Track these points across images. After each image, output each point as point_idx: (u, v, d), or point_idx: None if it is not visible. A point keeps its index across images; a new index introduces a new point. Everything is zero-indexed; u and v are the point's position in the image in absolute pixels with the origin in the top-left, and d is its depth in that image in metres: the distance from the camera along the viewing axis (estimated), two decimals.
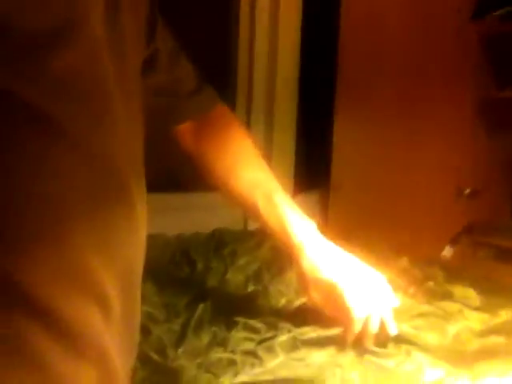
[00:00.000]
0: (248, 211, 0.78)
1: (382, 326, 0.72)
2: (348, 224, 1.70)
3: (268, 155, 1.85)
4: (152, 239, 1.17)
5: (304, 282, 0.74)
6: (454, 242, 1.56)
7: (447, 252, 1.57)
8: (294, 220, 0.74)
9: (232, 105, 1.85)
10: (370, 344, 0.71)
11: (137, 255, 0.57)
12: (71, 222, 0.48)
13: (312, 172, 1.85)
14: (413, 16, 1.63)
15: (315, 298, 0.74)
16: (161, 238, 1.20)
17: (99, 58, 0.51)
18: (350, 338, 0.72)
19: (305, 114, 1.86)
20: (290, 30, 1.80)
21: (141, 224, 0.57)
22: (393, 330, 0.72)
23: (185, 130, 0.80)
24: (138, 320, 0.59)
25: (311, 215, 1.94)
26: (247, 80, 1.85)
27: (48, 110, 0.47)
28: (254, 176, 0.77)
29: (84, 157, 0.49)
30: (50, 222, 0.47)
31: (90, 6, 0.51)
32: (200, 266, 1.03)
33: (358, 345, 0.72)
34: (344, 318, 0.72)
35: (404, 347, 0.71)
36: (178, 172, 1.63)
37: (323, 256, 0.74)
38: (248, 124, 1.86)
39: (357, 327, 0.71)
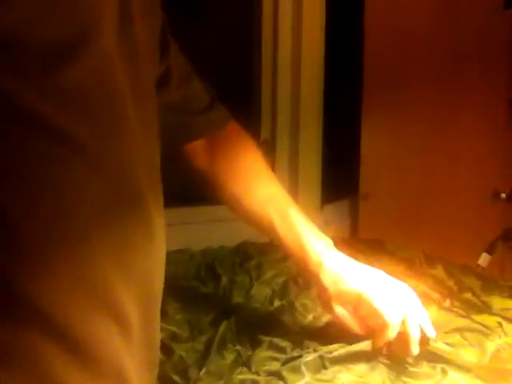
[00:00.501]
0: (263, 229, 0.76)
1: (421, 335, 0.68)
2: (379, 233, 1.65)
3: (294, 165, 1.83)
4: (177, 254, 1.18)
5: (326, 298, 0.71)
6: (490, 249, 1.49)
7: (483, 260, 1.50)
8: (311, 236, 0.73)
9: (257, 114, 1.84)
10: (414, 351, 0.67)
11: (156, 269, 0.56)
12: (86, 236, 0.48)
13: (340, 181, 1.82)
14: (441, 13, 1.59)
15: (340, 313, 0.71)
16: (186, 252, 1.19)
17: (111, 70, 0.50)
18: (385, 345, 0.68)
19: (331, 121, 1.83)
20: (314, 32, 1.77)
21: (159, 237, 0.56)
22: (431, 333, 0.68)
23: (196, 147, 0.79)
24: (157, 337, 0.58)
25: (340, 225, 1.90)
26: (271, 89, 1.83)
27: (61, 122, 0.46)
28: (268, 193, 0.76)
29: (99, 170, 0.49)
30: (64, 236, 0.46)
31: (103, 17, 0.50)
32: (225, 280, 1.01)
33: (396, 358, 0.67)
34: (377, 326, 0.68)
35: (439, 366, 0.66)
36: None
37: (345, 269, 0.71)
38: (273, 133, 1.84)
39: (392, 332, 0.67)
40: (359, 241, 1.33)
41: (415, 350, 0.68)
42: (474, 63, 1.53)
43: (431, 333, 0.69)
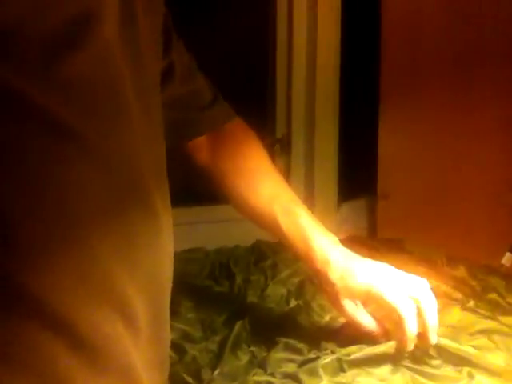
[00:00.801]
0: (268, 227, 0.75)
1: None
2: (397, 233, 1.62)
3: (310, 163, 1.80)
4: (192, 253, 1.16)
5: (334, 295, 0.69)
6: None
7: (507, 260, 1.45)
8: (317, 233, 0.71)
9: (272, 112, 1.81)
10: (432, 340, 0.64)
11: (163, 266, 0.54)
12: (91, 233, 0.47)
13: (357, 179, 1.78)
14: (458, 12, 1.55)
15: (351, 309, 0.68)
16: (201, 251, 1.17)
17: (114, 60, 0.49)
18: (405, 341, 0.64)
19: (347, 118, 1.80)
20: (330, 29, 1.74)
21: (166, 232, 0.54)
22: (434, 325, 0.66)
23: (199, 144, 0.77)
24: (167, 335, 0.57)
25: (358, 224, 1.87)
26: (286, 86, 1.81)
27: (62, 114, 0.45)
28: (272, 191, 0.75)
29: (102, 164, 0.47)
30: (67, 228, 0.45)
31: (104, 6, 0.48)
32: (239, 279, 0.99)
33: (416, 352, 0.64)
34: (390, 321, 0.66)
35: (466, 370, 0.63)
36: None
37: (352, 264, 0.69)
38: (288, 131, 1.81)
39: (409, 326, 0.64)
40: (377, 240, 1.29)
41: (434, 338, 0.65)
42: (492, 62, 1.49)
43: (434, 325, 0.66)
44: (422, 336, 0.65)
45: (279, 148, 1.82)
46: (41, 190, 0.44)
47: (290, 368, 0.67)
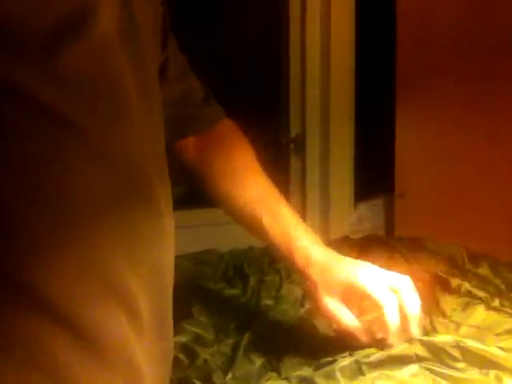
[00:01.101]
0: (252, 227, 0.74)
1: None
2: (415, 232, 1.59)
3: (325, 161, 1.77)
4: (205, 255, 1.13)
5: (314, 290, 0.68)
6: None
7: None
8: (299, 233, 0.71)
9: (286, 111, 1.79)
10: (414, 331, 0.64)
11: (165, 257, 0.54)
12: (91, 222, 0.47)
13: (374, 178, 1.75)
14: (476, 2, 1.51)
15: (330, 304, 0.67)
16: (214, 253, 1.15)
17: (113, 53, 0.49)
18: (386, 332, 0.64)
19: (363, 116, 1.76)
20: (344, 24, 1.71)
21: (168, 227, 0.54)
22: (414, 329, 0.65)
23: (187, 144, 0.77)
24: (170, 331, 0.57)
25: (375, 223, 1.83)
26: (300, 84, 1.78)
27: (61, 106, 0.45)
28: (258, 191, 0.74)
29: (101, 154, 0.47)
30: (68, 222, 0.45)
31: (101, 2, 0.48)
32: (253, 281, 0.96)
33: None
34: (372, 317, 0.65)
35: (493, 373, 0.59)
36: None
37: (333, 261, 0.69)
38: (303, 129, 1.79)
39: (390, 316, 0.63)
40: (396, 239, 1.26)
41: (415, 331, 0.64)
42: (511, 56, 1.45)
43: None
44: (403, 329, 0.64)
45: (294, 147, 1.79)
46: (41, 184, 0.44)
47: (306, 371, 0.64)
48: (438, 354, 0.63)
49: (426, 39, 1.61)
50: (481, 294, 0.82)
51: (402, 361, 0.63)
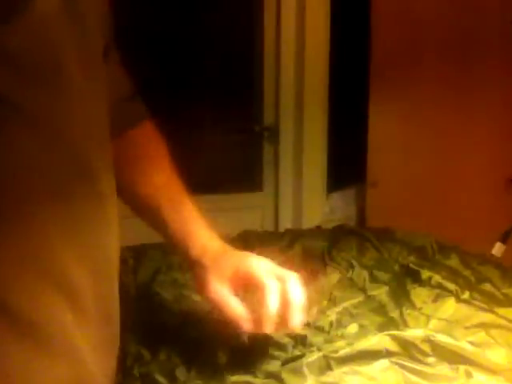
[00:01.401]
0: (149, 215, 0.73)
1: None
2: (387, 222, 1.59)
3: (299, 151, 1.75)
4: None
5: (204, 278, 0.67)
6: (504, 238, 1.41)
7: (497, 250, 1.42)
8: (197, 226, 0.70)
9: (259, 100, 1.76)
10: (294, 320, 0.63)
11: (110, 243, 0.53)
12: (31, 206, 0.46)
13: (346, 168, 1.74)
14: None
15: (219, 292, 0.66)
16: None
17: (52, 32, 0.48)
18: (264, 316, 0.63)
19: (337, 106, 1.75)
20: (318, 11, 1.69)
21: (111, 210, 0.53)
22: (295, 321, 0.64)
23: None
24: (116, 315, 0.57)
25: (347, 213, 1.82)
26: (274, 73, 1.75)
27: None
28: (160, 180, 0.73)
29: (42, 136, 0.46)
30: (7, 205, 0.44)
31: None
32: None
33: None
34: (258, 293, 0.64)
35: (463, 368, 0.58)
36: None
37: (227, 251, 0.69)
38: (276, 119, 1.76)
39: (271, 299, 0.63)
40: (367, 229, 1.24)
41: (294, 321, 0.63)
42: (487, 45, 1.45)
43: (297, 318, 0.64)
44: (282, 315, 0.63)
45: (267, 136, 1.77)
46: None
47: (273, 366, 0.62)
48: (408, 349, 0.62)
49: (400, 31, 1.60)
50: (451, 286, 0.81)
51: (371, 356, 0.61)
